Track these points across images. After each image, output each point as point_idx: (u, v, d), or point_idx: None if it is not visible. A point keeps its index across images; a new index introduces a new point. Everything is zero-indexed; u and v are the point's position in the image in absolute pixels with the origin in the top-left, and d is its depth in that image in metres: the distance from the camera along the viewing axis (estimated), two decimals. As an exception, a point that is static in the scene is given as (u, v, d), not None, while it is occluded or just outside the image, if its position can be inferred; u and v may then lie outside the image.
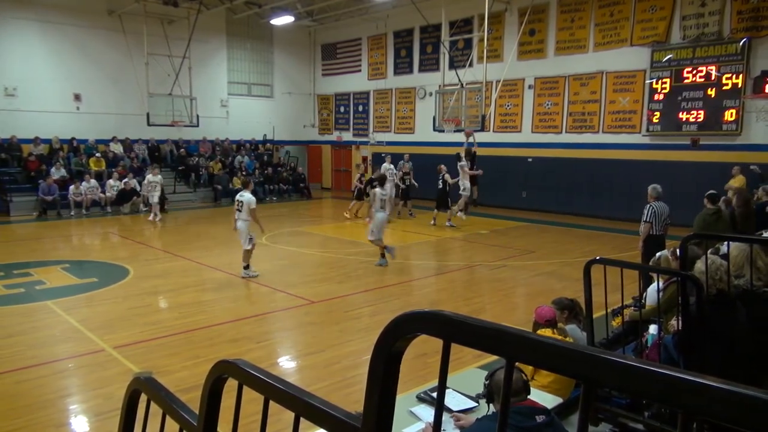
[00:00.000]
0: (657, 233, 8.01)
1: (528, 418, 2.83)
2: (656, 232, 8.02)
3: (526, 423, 2.79)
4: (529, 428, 2.78)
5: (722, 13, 14.50)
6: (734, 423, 0.56)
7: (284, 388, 1.17)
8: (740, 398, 0.55)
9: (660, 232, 8.04)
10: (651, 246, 7.58)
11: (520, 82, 18.70)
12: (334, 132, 26.03)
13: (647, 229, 8.05)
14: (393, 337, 0.92)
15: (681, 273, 3.50)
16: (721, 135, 14.69)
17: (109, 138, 20.41)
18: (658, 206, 8.09)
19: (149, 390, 1.86)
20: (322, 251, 12.30)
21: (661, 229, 8.06)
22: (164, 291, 9.02)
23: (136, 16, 19.50)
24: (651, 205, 8.13)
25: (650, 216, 8.03)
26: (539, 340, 0.77)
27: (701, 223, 7.99)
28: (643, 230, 8.10)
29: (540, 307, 4.73)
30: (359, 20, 23.03)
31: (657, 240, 7.90)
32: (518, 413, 2.83)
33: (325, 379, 5.66)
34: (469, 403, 3.50)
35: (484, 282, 9.89)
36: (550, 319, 4.58)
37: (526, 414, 2.85)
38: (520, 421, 2.79)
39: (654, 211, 8.04)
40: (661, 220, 8.06)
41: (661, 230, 8.06)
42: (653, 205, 8.10)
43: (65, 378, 5.71)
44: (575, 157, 17.09)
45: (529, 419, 2.82)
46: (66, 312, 7.71)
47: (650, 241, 7.89)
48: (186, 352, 6.33)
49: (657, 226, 8.03)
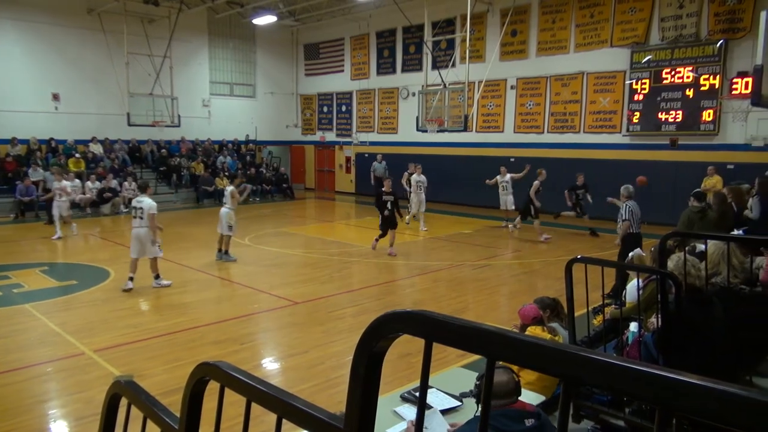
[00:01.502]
0: (635, 231, 8.18)
1: (516, 421, 2.71)
2: (634, 230, 8.18)
3: (513, 427, 2.68)
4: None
5: (699, 15, 14.74)
6: (710, 418, 0.57)
7: (266, 389, 1.16)
8: (715, 394, 0.56)
9: (637, 230, 8.21)
10: (630, 243, 7.71)
11: (502, 82, 18.82)
12: (317, 132, 25.97)
13: (626, 227, 8.19)
14: (375, 338, 0.92)
15: (660, 271, 3.55)
16: (699, 135, 14.92)
17: (88, 138, 20.12)
18: (632, 205, 8.26)
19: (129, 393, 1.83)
20: (305, 252, 12.25)
21: (637, 227, 8.23)
22: (145, 293, 8.92)
23: (115, 15, 19.25)
24: (626, 204, 8.28)
25: (627, 214, 8.18)
26: (519, 339, 0.77)
27: (685, 220, 8.07)
28: (623, 228, 8.24)
29: (523, 308, 4.76)
30: (342, 20, 23.00)
31: (635, 237, 8.05)
32: (505, 416, 2.72)
33: (309, 380, 5.64)
34: (452, 402, 3.51)
35: (468, 281, 9.93)
36: (536, 317, 4.61)
37: (514, 417, 2.74)
38: (507, 425, 2.67)
39: (630, 209, 8.20)
40: (637, 218, 8.23)
41: (637, 228, 8.23)
42: (628, 204, 8.25)
43: (44, 382, 5.62)
44: (557, 157, 17.23)
45: (516, 423, 2.71)
46: (45, 315, 7.59)
47: (629, 239, 8.03)
48: (167, 354, 6.27)
49: (634, 224, 8.19)
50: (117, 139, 20.84)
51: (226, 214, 10.74)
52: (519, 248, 12.62)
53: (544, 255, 11.97)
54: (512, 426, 2.69)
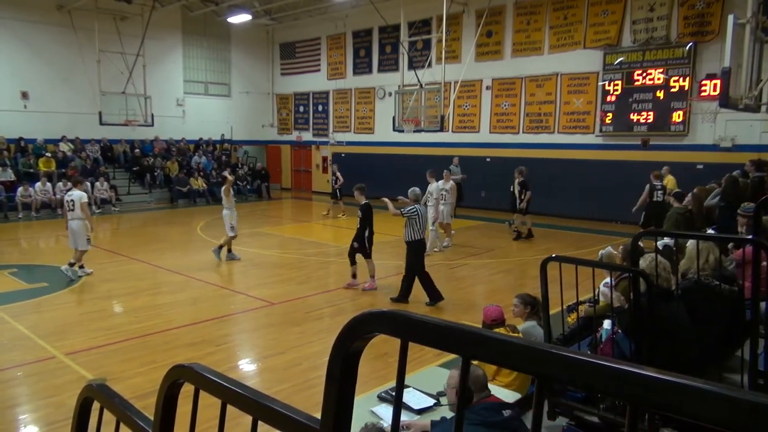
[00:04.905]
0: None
1: (496, 413, 2.95)
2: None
3: (494, 417, 2.92)
4: (498, 423, 2.90)
5: (669, 18, 15.04)
6: (677, 413, 0.59)
7: (242, 391, 1.15)
8: (680, 388, 0.58)
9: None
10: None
11: (477, 83, 18.95)
12: (293, 132, 25.83)
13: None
14: (351, 338, 0.92)
15: (632, 270, 3.61)
16: (670, 135, 15.23)
17: (58, 138, 19.71)
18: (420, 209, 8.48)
19: (102, 397, 1.80)
20: (282, 252, 12.18)
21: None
22: (118, 295, 8.78)
23: (86, 12, 18.89)
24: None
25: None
26: (494, 338, 0.78)
27: (672, 221, 8.12)
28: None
29: (486, 308, 4.85)
30: (318, 19, 22.92)
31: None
32: (486, 409, 2.96)
33: (285, 381, 5.61)
34: (429, 401, 3.53)
35: (444, 281, 9.97)
36: (497, 318, 4.69)
37: (494, 409, 2.98)
38: (489, 416, 2.91)
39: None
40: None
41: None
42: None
43: (13, 387, 5.50)
44: (532, 157, 17.41)
45: (497, 414, 2.95)
46: (14, 318, 7.41)
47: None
48: (141, 357, 6.18)
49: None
50: (89, 138, 20.44)
51: (228, 216, 10.82)
52: (494, 247, 12.72)
53: (520, 254, 12.09)
54: (493, 416, 2.93)
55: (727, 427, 0.55)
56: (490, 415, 2.92)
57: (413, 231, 8.26)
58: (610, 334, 4.03)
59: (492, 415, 2.93)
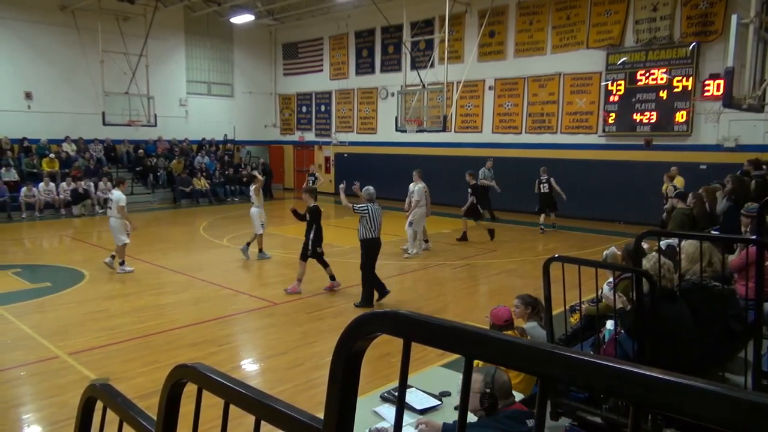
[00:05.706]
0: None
1: (520, 423, 2.77)
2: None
3: (518, 428, 2.74)
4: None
5: (673, 18, 15.01)
6: (677, 413, 0.59)
7: (245, 391, 1.16)
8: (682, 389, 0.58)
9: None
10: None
11: (480, 83, 18.94)
12: (296, 132, 25.85)
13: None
14: (353, 338, 0.93)
15: (635, 270, 3.61)
16: (673, 135, 15.20)
17: (62, 138, 19.76)
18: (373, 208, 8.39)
19: (105, 397, 1.81)
20: (284, 252, 12.18)
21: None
22: (121, 295, 8.79)
23: (89, 12, 18.93)
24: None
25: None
26: (496, 338, 0.78)
27: (677, 221, 8.08)
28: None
29: (496, 308, 4.72)
30: (321, 20, 22.92)
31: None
32: (510, 417, 2.78)
33: (288, 381, 5.62)
34: (432, 402, 3.52)
35: (447, 281, 9.98)
36: (509, 319, 4.62)
37: (517, 418, 2.80)
38: (513, 426, 2.73)
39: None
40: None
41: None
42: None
43: (17, 387, 5.51)
44: (534, 157, 17.39)
45: (521, 424, 2.77)
46: (18, 318, 7.43)
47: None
48: (144, 357, 6.19)
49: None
50: (92, 138, 20.49)
51: (258, 213, 10.99)
52: (496, 248, 12.71)
53: (523, 254, 12.08)
54: (518, 427, 2.75)
55: (728, 427, 0.55)
56: (514, 426, 2.73)
57: (365, 230, 8.21)
58: (612, 335, 4.03)
59: (515, 425, 2.74)
